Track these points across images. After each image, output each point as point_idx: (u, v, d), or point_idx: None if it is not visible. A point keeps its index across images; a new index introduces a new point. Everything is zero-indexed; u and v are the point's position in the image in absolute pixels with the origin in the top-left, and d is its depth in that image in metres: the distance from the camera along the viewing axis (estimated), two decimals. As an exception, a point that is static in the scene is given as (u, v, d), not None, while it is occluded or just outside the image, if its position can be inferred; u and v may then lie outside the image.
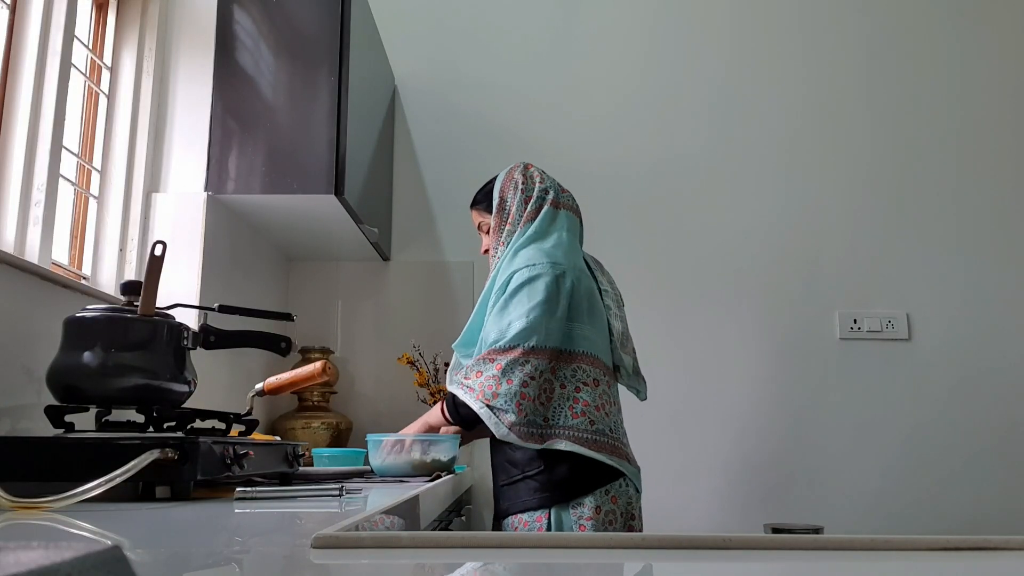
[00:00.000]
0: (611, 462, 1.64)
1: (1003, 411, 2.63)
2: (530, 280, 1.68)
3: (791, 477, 2.60)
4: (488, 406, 1.62)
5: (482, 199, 1.89)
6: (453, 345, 1.86)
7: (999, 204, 2.76)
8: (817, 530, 2.37)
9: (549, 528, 1.61)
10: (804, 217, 2.76)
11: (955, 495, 2.57)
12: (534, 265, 1.69)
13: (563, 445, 1.61)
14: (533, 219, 1.78)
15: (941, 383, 2.64)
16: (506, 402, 1.61)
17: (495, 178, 1.88)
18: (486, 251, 1.90)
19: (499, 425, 1.61)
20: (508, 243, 1.78)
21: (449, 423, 1.74)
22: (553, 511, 1.62)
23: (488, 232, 1.87)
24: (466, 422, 1.71)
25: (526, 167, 1.86)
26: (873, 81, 2.85)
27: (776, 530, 2.39)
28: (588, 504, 1.62)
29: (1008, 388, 2.64)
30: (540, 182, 1.82)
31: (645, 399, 1.90)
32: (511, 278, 1.70)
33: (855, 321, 2.68)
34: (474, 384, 1.66)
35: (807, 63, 2.86)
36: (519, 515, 1.65)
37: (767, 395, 2.65)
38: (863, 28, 2.89)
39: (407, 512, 1.02)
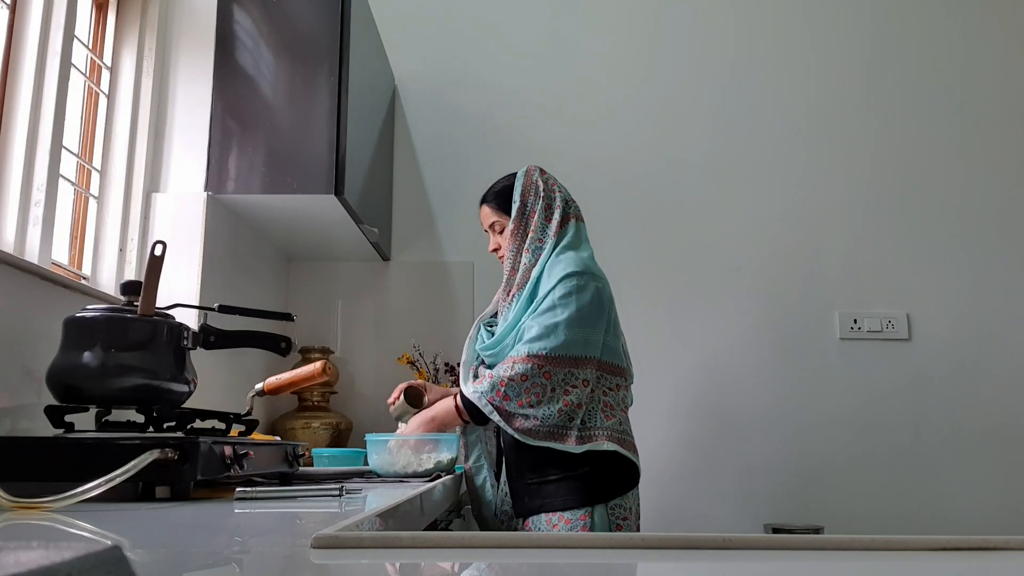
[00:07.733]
0: (637, 462, 1.72)
1: (1003, 411, 2.63)
2: (578, 289, 1.70)
3: (791, 477, 2.60)
4: (531, 422, 1.65)
5: (494, 199, 1.87)
6: (478, 348, 1.84)
7: (999, 204, 2.76)
8: (817, 530, 2.37)
9: (592, 526, 1.64)
10: (804, 217, 2.76)
11: (955, 495, 2.57)
12: (581, 274, 1.71)
13: (606, 445, 1.65)
14: (561, 228, 1.80)
15: (941, 383, 2.65)
16: (554, 415, 1.64)
17: (509, 178, 1.87)
18: (494, 250, 1.89)
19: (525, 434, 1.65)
20: (534, 249, 1.79)
21: (466, 423, 1.73)
22: (596, 510, 1.65)
23: (500, 231, 1.86)
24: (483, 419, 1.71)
25: (541, 172, 1.87)
26: (874, 81, 2.85)
27: (776, 530, 2.39)
28: (624, 504, 1.68)
29: (1008, 388, 2.64)
30: (559, 191, 1.84)
31: (631, 404, 1.92)
32: (558, 283, 1.71)
33: (855, 321, 2.68)
34: (513, 395, 1.65)
35: (808, 63, 2.86)
36: (559, 513, 1.66)
37: (767, 395, 2.65)
38: (865, 28, 2.89)
39: (407, 512, 1.02)
